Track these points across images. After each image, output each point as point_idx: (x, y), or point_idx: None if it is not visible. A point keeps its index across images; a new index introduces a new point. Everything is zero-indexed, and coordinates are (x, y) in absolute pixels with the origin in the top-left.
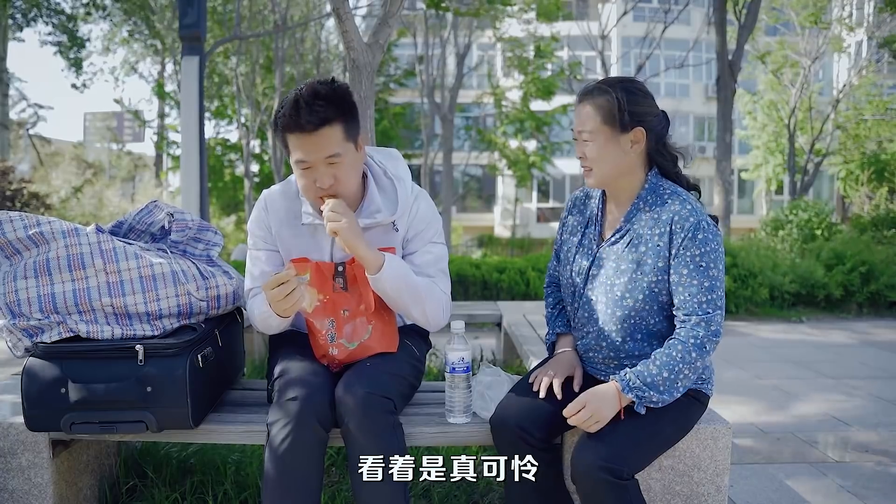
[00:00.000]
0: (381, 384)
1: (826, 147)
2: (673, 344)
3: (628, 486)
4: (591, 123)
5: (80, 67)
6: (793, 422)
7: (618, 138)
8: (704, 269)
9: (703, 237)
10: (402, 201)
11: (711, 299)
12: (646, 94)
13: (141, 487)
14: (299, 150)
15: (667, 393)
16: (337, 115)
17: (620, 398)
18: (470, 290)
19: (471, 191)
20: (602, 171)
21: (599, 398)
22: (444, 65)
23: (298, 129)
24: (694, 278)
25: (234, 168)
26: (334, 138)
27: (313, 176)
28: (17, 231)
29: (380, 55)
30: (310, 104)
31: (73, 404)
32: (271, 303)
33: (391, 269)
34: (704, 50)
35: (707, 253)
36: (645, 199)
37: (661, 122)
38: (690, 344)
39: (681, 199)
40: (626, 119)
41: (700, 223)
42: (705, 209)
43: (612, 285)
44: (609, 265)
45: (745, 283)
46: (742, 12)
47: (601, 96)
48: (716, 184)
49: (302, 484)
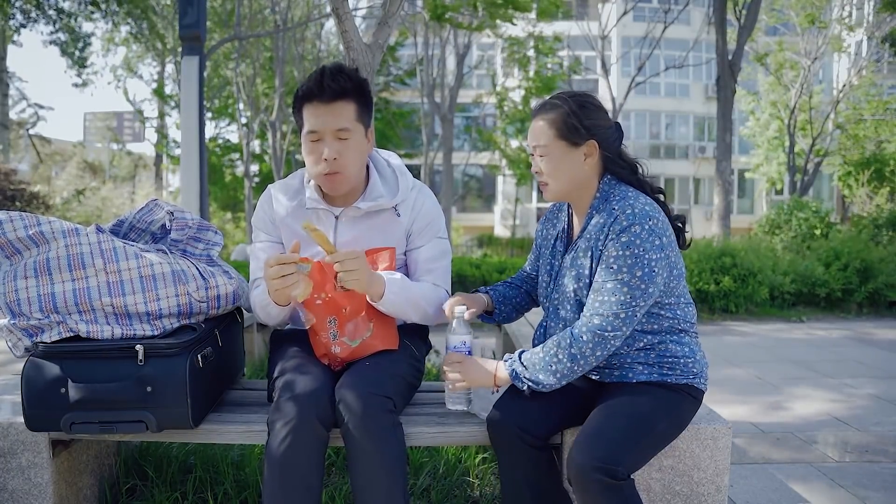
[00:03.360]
0: (381, 384)
1: (826, 147)
2: (565, 331)
3: (624, 487)
4: (544, 138)
5: (83, 65)
6: (793, 422)
7: (571, 152)
8: (615, 271)
9: (626, 239)
10: (403, 188)
11: (608, 301)
12: (598, 108)
13: (141, 487)
14: (313, 118)
15: (536, 372)
16: (354, 92)
17: (497, 372)
18: (470, 289)
19: (471, 191)
20: (557, 184)
21: (478, 364)
22: (444, 65)
23: (316, 96)
24: (601, 276)
25: (234, 168)
26: (347, 113)
27: (321, 149)
28: (18, 231)
29: (379, 55)
30: (333, 75)
31: (73, 404)
32: (267, 280)
33: (392, 293)
34: (704, 50)
35: (623, 256)
36: (596, 207)
37: (614, 133)
38: (571, 331)
39: (626, 202)
40: (578, 133)
41: (631, 226)
42: (659, 215)
43: (571, 292)
44: (569, 274)
45: (745, 283)
46: (742, 12)
47: (553, 111)
48: (716, 184)
49: (302, 483)
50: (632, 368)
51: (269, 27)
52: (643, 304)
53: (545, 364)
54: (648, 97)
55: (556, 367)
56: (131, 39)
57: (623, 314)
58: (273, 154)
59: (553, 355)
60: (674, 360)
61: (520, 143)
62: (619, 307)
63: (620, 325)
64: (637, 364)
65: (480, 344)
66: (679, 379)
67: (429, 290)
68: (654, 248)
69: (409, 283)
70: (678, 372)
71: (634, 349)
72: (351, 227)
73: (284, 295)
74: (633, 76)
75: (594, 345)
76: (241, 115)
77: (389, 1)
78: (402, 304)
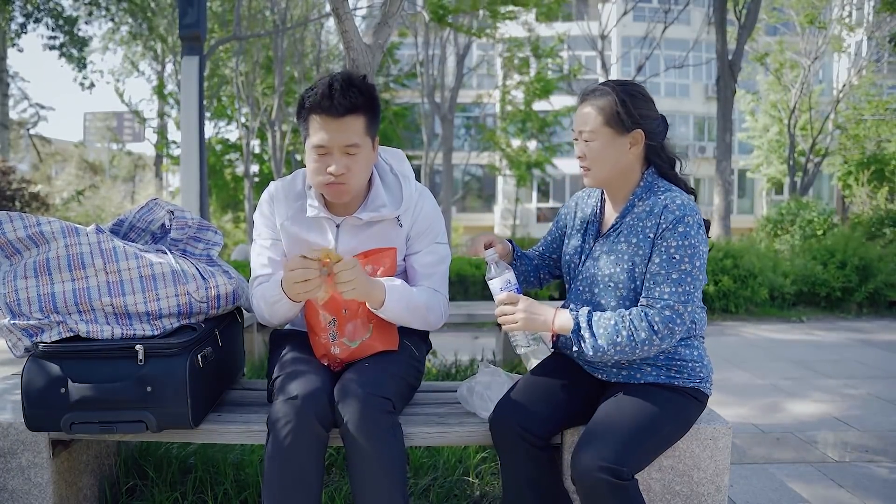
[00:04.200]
0: (381, 385)
1: (826, 147)
2: (632, 309)
3: (628, 487)
4: (592, 124)
5: (83, 66)
6: (793, 422)
7: (617, 139)
8: (677, 261)
9: (683, 230)
10: (407, 197)
11: (676, 291)
12: (646, 98)
13: (141, 487)
14: (322, 132)
15: (597, 338)
16: (365, 106)
17: (555, 321)
18: (470, 289)
19: (471, 191)
20: (600, 170)
21: (537, 308)
22: (444, 65)
23: (326, 111)
24: (663, 268)
25: (234, 168)
26: (357, 128)
27: (328, 162)
28: (17, 231)
29: (379, 55)
30: (344, 89)
31: (73, 404)
32: (287, 282)
33: (392, 301)
34: (704, 50)
35: (683, 246)
36: (640, 196)
37: (660, 125)
38: (645, 314)
39: (673, 194)
40: (626, 121)
41: (685, 217)
42: (699, 211)
43: (604, 276)
44: (603, 258)
45: (745, 283)
46: (742, 12)
47: (603, 98)
48: (716, 184)
49: (302, 483)
50: (640, 369)
51: (268, 27)
52: (698, 297)
53: (610, 334)
54: None
55: (618, 341)
56: (131, 39)
57: (690, 306)
58: (273, 154)
59: (620, 329)
60: (682, 364)
61: (521, 143)
62: (687, 297)
63: (686, 319)
64: (645, 365)
65: (481, 344)
66: (687, 382)
67: (429, 295)
68: (703, 241)
69: (410, 289)
70: (686, 375)
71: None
72: (352, 236)
73: (305, 295)
74: (633, 76)
75: (662, 336)
76: (241, 114)
77: (389, 1)
78: (402, 311)
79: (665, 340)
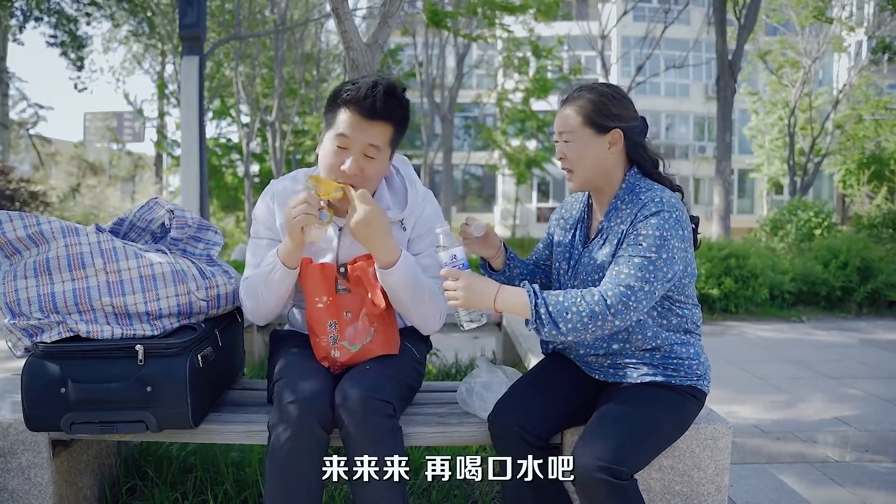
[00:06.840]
0: (381, 388)
1: (826, 147)
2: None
3: (628, 487)
4: (571, 124)
5: (82, 67)
6: (793, 422)
7: (597, 139)
8: (643, 248)
9: (656, 222)
10: (412, 202)
11: (635, 274)
12: (625, 98)
13: (141, 487)
14: (349, 127)
15: (553, 316)
16: (397, 118)
17: (497, 299)
18: None
19: (471, 190)
20: (582, 171)
21: (478, 286)
22: (443, 64)
23: (361, 109)
24: (627, 251)
25: (234, 168)
26: (383, 135)
27: (344, 157)
28: (17, 230)
29: (379, 55)
30: (387, 94)
31: (73, 404)
32: (288, 216)
33: (404, 265)
34: (704, 50)
35: (652, 236)
36: (622, 198)
37: (640, 126)
38: (599, 293)
39: (653, 192)
40: (604, 120)
41: (660, 212)
42: (683, 209)
43: (593, 282)
44: (590, 264)
45: (745, 283)
46: (742, 12)
47: (581, 99)
48: (716, 184)
49: (303, 485)
50: (637, 369)
51: (268, 27)
52: (660, 288)
53: (562, 309)
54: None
55: (570, 317)
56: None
57: (647, 287)
58: (273, 154)
59: (573, 304)
60: (678, 362)
61: (520, 143)
62: (643, 281)
63: (642, 299)
64: (642, 364)
65: (481, 344)
66: (683, 380)
67: (435, 289)
68: (678, 237)
69: (421, 272)
70: (682, 373)
71: (640, 350)
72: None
73: (297, 232)
74: (633, 76)
75: (616, 311)
76: (241, 114)
77: (389, 1)
78: (408, 284)
79: (619, 316)
